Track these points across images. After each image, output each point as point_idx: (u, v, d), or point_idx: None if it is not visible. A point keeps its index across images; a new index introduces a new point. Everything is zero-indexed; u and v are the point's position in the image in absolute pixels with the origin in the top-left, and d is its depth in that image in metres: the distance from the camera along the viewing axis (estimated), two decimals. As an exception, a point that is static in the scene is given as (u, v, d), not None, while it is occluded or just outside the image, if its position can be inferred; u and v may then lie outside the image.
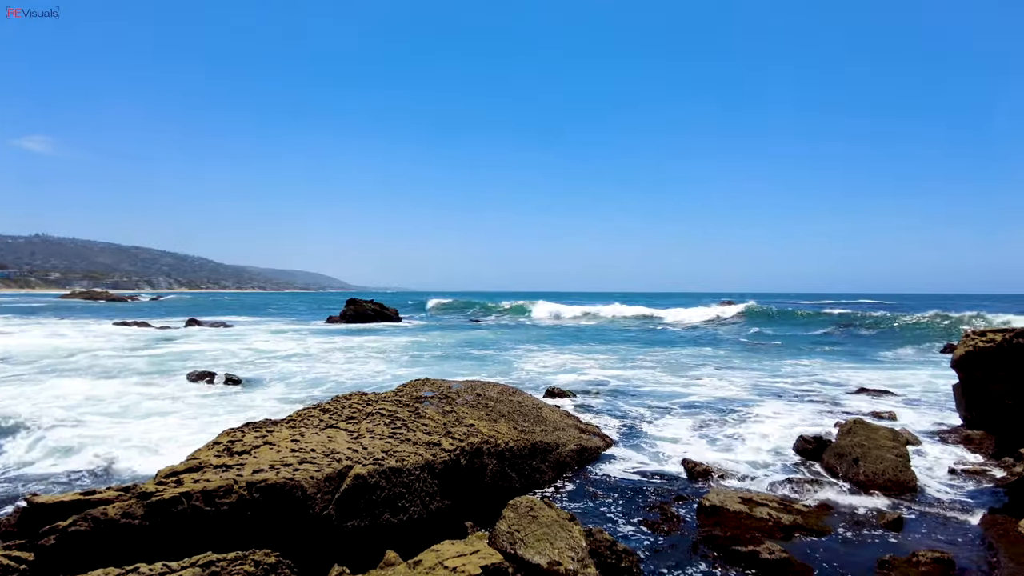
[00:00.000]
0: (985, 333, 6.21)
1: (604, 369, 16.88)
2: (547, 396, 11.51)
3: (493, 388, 8.49)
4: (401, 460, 5.01)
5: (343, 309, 39.38)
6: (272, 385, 13.15)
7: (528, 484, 6.47)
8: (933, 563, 4.71)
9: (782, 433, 9.06)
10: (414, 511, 4.90)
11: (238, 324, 36.71)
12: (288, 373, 14.99)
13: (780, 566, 4.67)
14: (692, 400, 11.89)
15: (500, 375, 15.31)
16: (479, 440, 6.00)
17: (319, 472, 4.38)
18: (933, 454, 8.02)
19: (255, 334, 28.05)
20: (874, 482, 6.68)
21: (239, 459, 4.44)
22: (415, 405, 6.75)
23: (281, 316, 49.10)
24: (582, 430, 8.19)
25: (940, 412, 10.76)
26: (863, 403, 11.64)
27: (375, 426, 5.75)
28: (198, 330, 30.34)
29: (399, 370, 15.95)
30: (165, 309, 60.32)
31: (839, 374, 16.13)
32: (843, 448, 7.26)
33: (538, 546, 4.28)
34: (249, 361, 17.44)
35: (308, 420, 5.77)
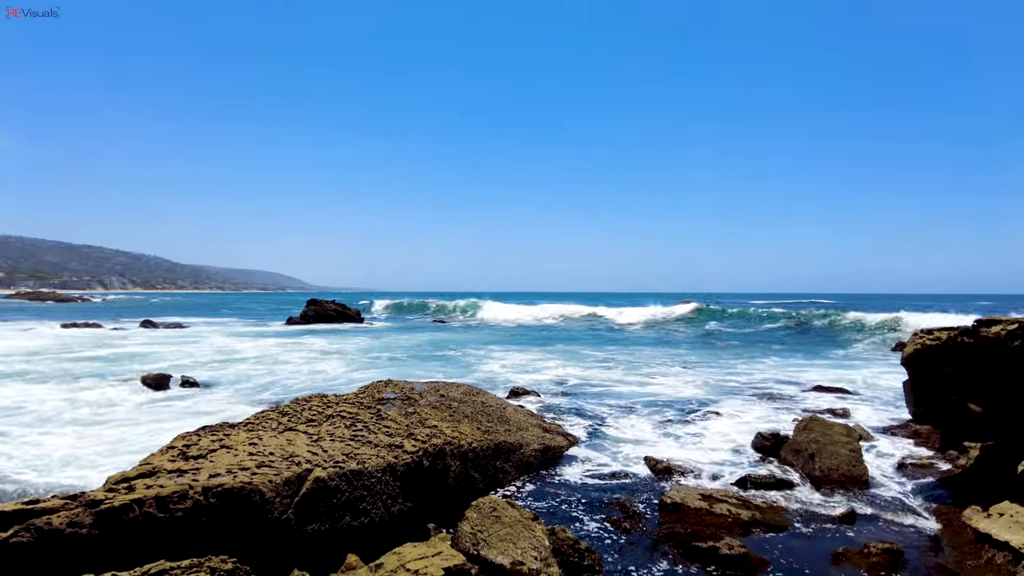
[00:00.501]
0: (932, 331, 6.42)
1: (566, 368, 16.98)
2: (511, 396, 11.52)
3: (457, 389, 8.46)
4: (362, 462, 4.96)
5: (304, 310, 38.72)
6: (230, 388, 12.86)
7: (492, 484, 6.46)
8: (883, 554, 4.88)
9: (741, 430, 9.26)
10: (376, 514, 4.86)
11: (195, 325, 35.78)
12: (246, 375, 14.68)
13: (739, 561, 4.76)
14: (653, 399, 12.05)
15: (464, 375, 15.28)
16: (442, 441, 5.97)
17: (278, 476, 4.30)
18: (884, 449, 8.31)
19: (213, 335, 27.37)
20: (829, 477, 6.87)
21: (195, 463, 4.33)
22: (377, 407, 6.68)
23: (240, 317, 48.04)
24: (546, 429, 8.22)
25: (892, 408, 11.14)
26: (819, 400, 11.96)
27: (336, 428, 5.67)
28: (153, 331, 29.45)
29: (361, 372, 15.77)
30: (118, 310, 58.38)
31: (795, 372, 16.55)
32: (799, 444, 7.45)
33: (501, 546, 4.27)
34: (206, 363, 17.01)
35: (266, 423, 5.66)
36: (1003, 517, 4.99)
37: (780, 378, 15.34)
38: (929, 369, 6.29)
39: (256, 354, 19.47)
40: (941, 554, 5.05)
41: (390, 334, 30.20)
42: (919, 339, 6.37)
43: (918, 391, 6.67)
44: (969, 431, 6.33)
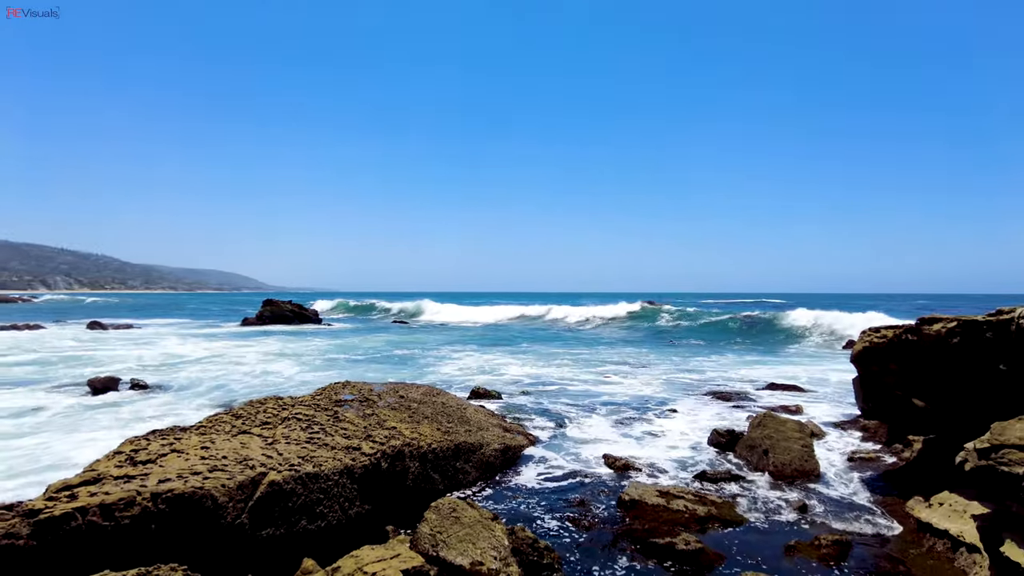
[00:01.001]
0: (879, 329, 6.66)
1: (527, 368, 17.05)
2: (472, 396, 11.49)
3: (416, 390, 8.40)
4: (319, 465, 4.87)
5: (259, 310, 37.90)
6: (182, 390, 12.49)
7: (452, 485, 6.43)
8: (833, 545, 5.03)
9: (697, 428, 9.43)
10: (333, 517, 4.78)
11: (146, 326, 34.70)
12: (199, 378, 14.28)
13: (695, 556, 4.85)
14: (611, 398, 12.17)
15: (424, 376, 15.19)
16: (401, 443, 5.91)
17: (231, 480, 4.19)
18: (835, 444, 8.57)
19: (164, 337, 26.58)
20: (782, 472, 7.05)
21: (143, 469, 4.19)
22: (334, 409, 6.58)
23: (193, 318, 46.72)
24: (506, 429, 8.23)
25: (842, 405, 11.50)
26: (772, 397, 12.27)
27: (291, 431, 5.57)
28: (101, 333, 28.43)
29: (318, 373, 15.51)
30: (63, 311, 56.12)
31: (749, 370, 16.95)
32: (754, 440, 7.62)
33: (460, 547, 4.26)
34: (157, 365, 16.50)
35: (220, 426, 5.51)
36: (943, 507, 5.20)
37: (734, 376, 15.71)
38: (876, 366, 6.52)
39: (209, 356, 18.97)
40: (886, 544, 5.24)
41: (348, 335, 29.80)
42: (867, 337, 6.60)
43: (866, 387, 6.90)
44: (914, 425, 6.58)
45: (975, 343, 5.46)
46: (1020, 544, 3.63)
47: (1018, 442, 3.44)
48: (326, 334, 30.17)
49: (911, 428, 6.70)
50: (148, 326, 34.99)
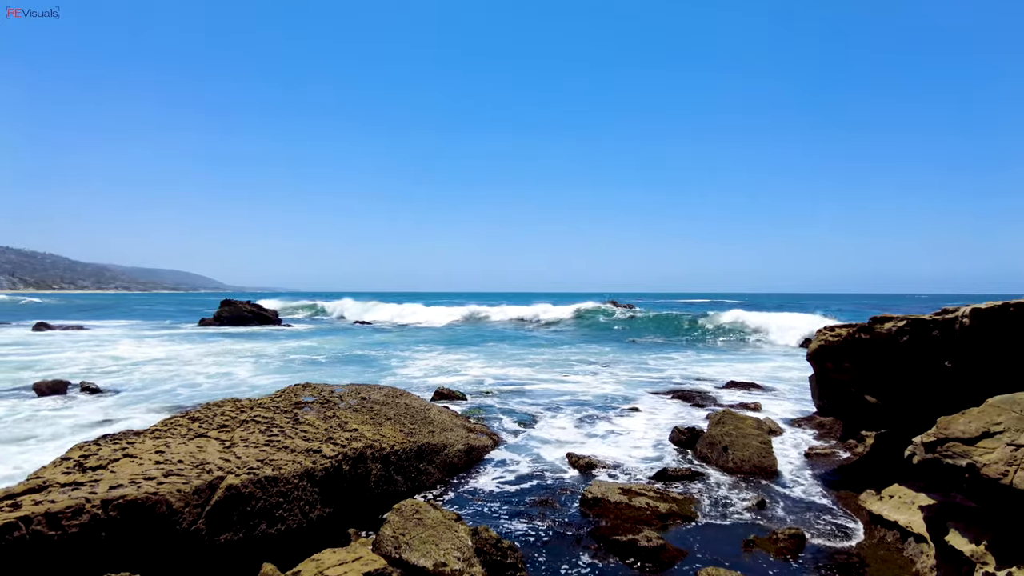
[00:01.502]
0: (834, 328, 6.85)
1: (490, 368, 17.05)
2: (436, 397, 11.43)
3: (379, 391, 8.31)
4: (278, 468, 4.78)
5: (217, 311, 37.02)
6: (135, 393, 12.10)
7: (415, 487, 6.39)
8: (789, 539, 5.16)
9: (659, 425, 9.57)
10: (293, 521, 4.70)
11: (97, 327, 33.49)
12: (154, 380, 13.87)
13: (657, 552, 4.91)
14: (574, 397, 12.26)
15: (387, 378, 15.05)
16: (363, 445, 5.84)
17: (187, 484, 4.08)
18: (792, 440, 8.79)
19: (117, 338, 25.73)
20: (741, 468, 7.20)
21: (93, 475, 4.05)
22: (294, 411, 6.47)
23: (148, 319, 45.32)
24: (470, 430, 8.21)
25: (799, 402, 11.80)
26: (732, 395, 12.52)
27: (250, 434, 5.45)
28: (48, 334, 27.35)
29: (278, 375, 15.22)
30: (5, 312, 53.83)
31: (709, 369, 17.27)
32: (714, 438, 7.77)
33: (423, 548, 4.23)
34: (109, 368, 15.96)
35: (175, 429, 5.36)
36: (893, 499, 5.39)
37: (696, 374, 15.98)
38: (831, 364, 6.70)
39: (165, 358, 18.44)
40: (840, 536, 5.40)
41: (309, 336, 29.32)
42: (822, 336, 6.78)
43: (822, 385, 7.09)
44: (867, 421, 6.79)
45: (923, 341, 5.66)
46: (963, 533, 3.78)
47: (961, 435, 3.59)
48: (286, 335, 29.63)
49: (864, 424, 6.91)
50: (99, 327, 33.79)
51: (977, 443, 3.51)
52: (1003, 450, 3.35)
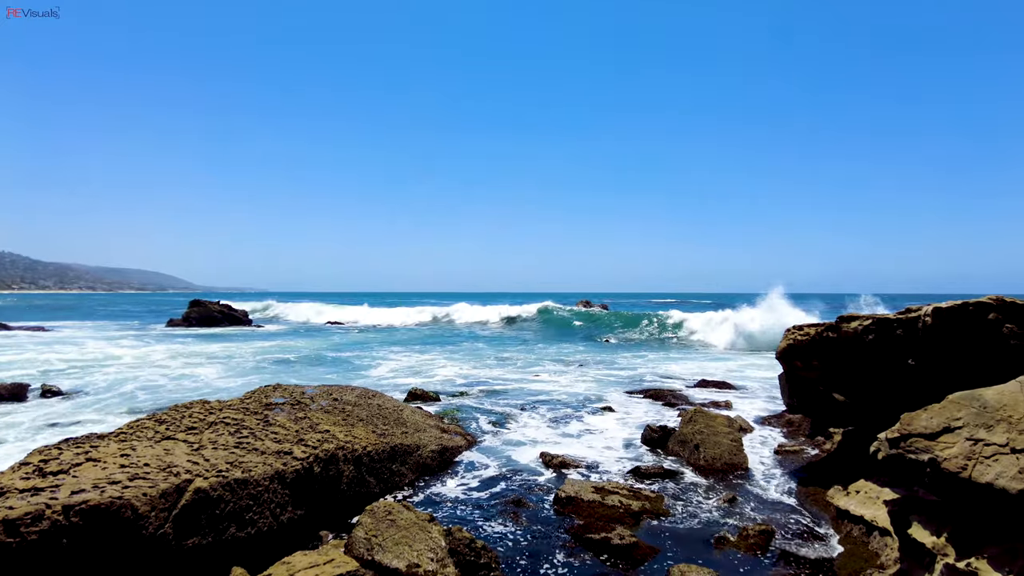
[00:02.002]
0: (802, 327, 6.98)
1: (463, 368, 17.02)
2: (409, 398, 11.36)
3: (351, 392, 8.23)
4: (248, 471, 4.71)
5: (186, 311, 36.29)
6: (100, 396, 11.81)
7: (388, 488, 6.34)
8: (759, 535, 5.24)
9: (631, 424, 9.65)
10: (263, 524, 4.63)
11: (60, 328, 32.58)
12: (120, 382, 13.54)
13: (629, 550, 4.95)
14: (546, 396, 12.29)
15: (359, 379, 14.93)
16: (334, 446, 5.78)
17: (153, 488, 4.00)
18: (762, 438, 8.93)
19: (81, 340, 25.05)
20: (713, 466, 7.29)
21: (54, 480, 3.93)
22: (264, 412, 6.37)
23: (113, 319, 44.28)
24: (444, 430, 8.18)
25: (769, 400, 12.00)
26: (703, 394, 12.67)
27: (219, 436, 5.35)
28: (7, 335, 26.53)
29: (247, 377, 14.97)
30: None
31: (679, 367, 17.47)
32: (686, 436, 7.85)
33: (396, 550, 4.20)
34: (73, 370, 15.54)
35: (142, 432, 5.24)
36: (859, 494, 5.50)
37: (667, 373, 16.14)
38: (800, 362, 6.83)
39: (131, 359, 18.02)
40: (809, 531, 5.49)
41: (280, 337, 28.93)
42: (791, 335, 6.90)
43: (791, 383, 7.22)
44: (834, 418, 6.93)
45: (888, 340, 5.79)
46: (925, 526, 3.88)
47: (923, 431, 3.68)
48: (257, 336, 29.20)
49: (832, 421, 7.05)
50: (62, 328, 32.87)
51: (938, 438, 3.61)
52: (962, 444, 3.45)
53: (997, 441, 3.31)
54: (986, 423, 3.46)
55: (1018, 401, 3.47)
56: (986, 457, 3.29)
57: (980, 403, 3.62)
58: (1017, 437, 3.23)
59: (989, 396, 3.64)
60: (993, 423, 3.43)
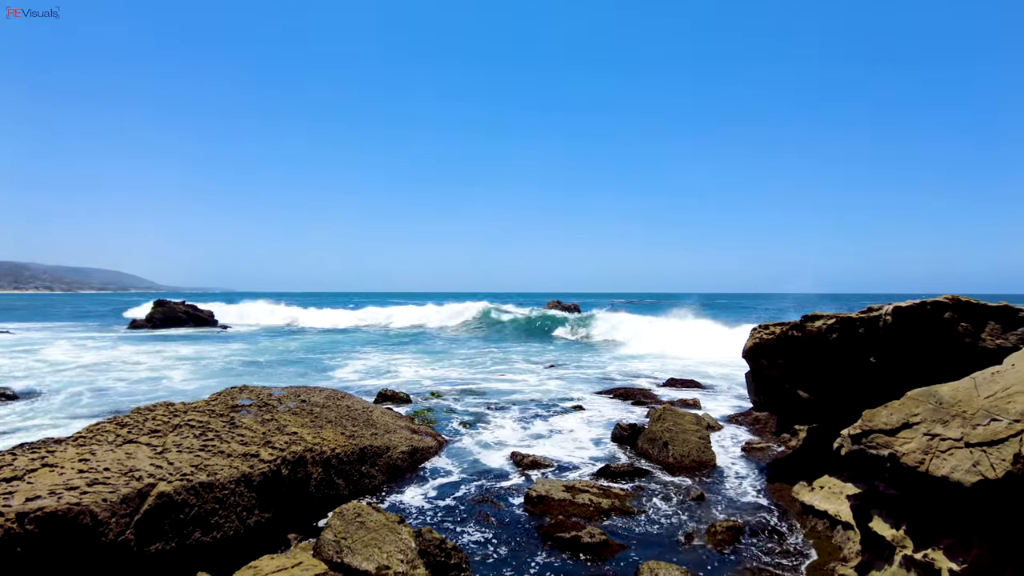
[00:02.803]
0: (768, 326, 7.11)
1: (431, 370, 16.96)
2: (379, 399, 11.27)
3: (319, 393, 8.13)
4: (213, 474, 4.62)
5: (150, 312, 35.46)
6: (58, 399, 11.46)
7: (357, 490, 6.27)
8: (727, 531, 5.32)
9: (601, 423, 9.71)
10: (229, 528, 4.55)
11: (16, 330, 31.54)
12: (79, 385, 13.16)
13: (599, 548, 4.98)
14: (517, 396, 12.31)
15: (328, 380, 14.77)
16: (302, 448, 5.70)
17: (113, 493, 3.89)
18: (730, 435, 9.07)
19: (37, 342, 24.30)
20: (681, 463, 7.38)
21: (7, 487, 3.81)
22: (230, 414, 6.26)
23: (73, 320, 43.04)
24: (414, 431, 8.13)
25: (737, 398, 12.19)
26: (672, 392, 12.82)
27: (183, 439, 5.24)
28: (-40, 338, 25.61)
29: (214, 379, 14.70)
30: (-87, 314, 50.10)
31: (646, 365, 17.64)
32: (654, 434, 7.93)
33: (366, 552, 4.16)
34: (29, 372, 15.07)
35: (102, 436, 5.10)
36: (823, 490, 5.63)
37: (637, 372, 16.29)
38: (766, 360, 6.95)
39: (92, 362, 17.54)
40: (775, 526, 5.60)
41: (247, 339, 28.45)
42: (757, 334, 7.02)
43: (757, 381, 7.34)
44: (800, 416, 7.07)
45: (851, 338, 5.94)
46: (885, 519, 3.99)
47: (884, 427, 3.78)
48: (223, 337, 28.67)
49: (797, 418, 7.19)
50: (16, 330, 31.81)
51: (898, 434, 3.71)
52: (920, 439, 3.55)
53: (952, 436, 3.41)
54: (942, 419, 3.57)
55: (972, 397, 3.59)
56: (942, 451, 3.40)
57: (936, 399, 3.73)
58: (971, 432, 3.33)
59: (945, 392, 3.75)
60: (949, 418, 3.54)
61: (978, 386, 3.68)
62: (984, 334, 4.97)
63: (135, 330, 32.69)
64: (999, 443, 3.17)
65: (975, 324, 5.03)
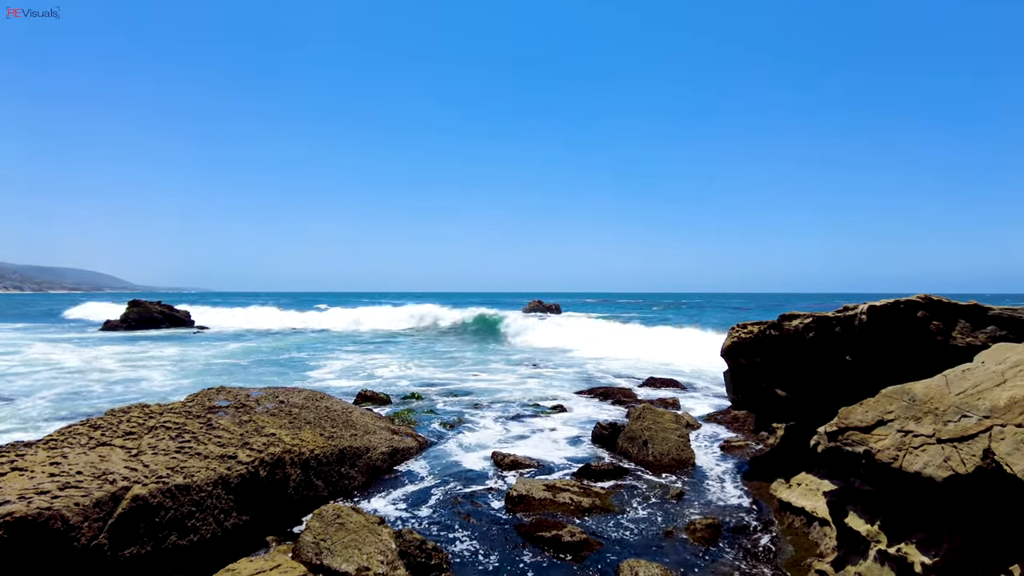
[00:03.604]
0: (746, 325, 7.18)
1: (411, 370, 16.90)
2: (359, 400, 11.20)
3: (298, 394, 8.05)
4: (190, 476, 4.56)
5: (125, 312, 34.84)
6: (29, 401, 11.22)
7: (336, 491, 6.23)
8: (707, 528, 5.37)
9: (581, 422, 9.75)
10: (207, 530, 4.49)
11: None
12: (51, 387, 12.89)
13: (580, 546, 5.00)
14: (497, 396, 12.31)
15: (307, 381, 14.64)
16: (281, 450, 5.64)
17: (86, 497, 3.82)
18: (709, 433, 9.15)
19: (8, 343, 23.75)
20: (661, 461, 7.43)
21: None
22: (207, 416, 6.17)
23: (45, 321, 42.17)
24: (394, 432, 8.08)
25: (716, 397, 12.31)
26: (652, 391, 12.91)
27: (159, 441, 5.16)
28: (-74, 340, 24.96)
29: (190, 380, 14.49)
30: None
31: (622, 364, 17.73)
32: (635, 432, 7.98)
33: (346, 553, 4.13)
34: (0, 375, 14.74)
35: (74, 439, 5.00)
36: (800, 487, 5.70)
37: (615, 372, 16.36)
38: (744, 359, 7.02)
39: (64, 363, 17.19)
40: (753, 523, 5.66)
41: (225, 339, 28.10)
42: (735, 333, 7.09)
43: (736, 380, 7.42)
44: (777, 413, 7.16)
45: (827, 337, 6.02)
46: (860, 515, 4.05)
47: (859, 424, 3.84)
48: (199, 338, 28.28)
49: (775, 416, 7.28)
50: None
51: (872, 431, 3.77)
52: (894, 436, 3.61)
53: (925, 432, 3.48)
54: (915, 415, 3.64)
55: (943, 394, 3.66)
56: (915, 448, 3.46)
57: (910, 396, 3.80)
58: (942, 428, 3.40)
59: (918, 390, 3.82)
60: (921, 415, 3.61)
61: (949, 383, 3.75)
62: (955, 332, 5.08)
63: (109, 332, 32.10)
64: (969, 439, 3.24)
65: (946, 323, 5.13)
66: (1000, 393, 3.37)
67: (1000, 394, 3.36)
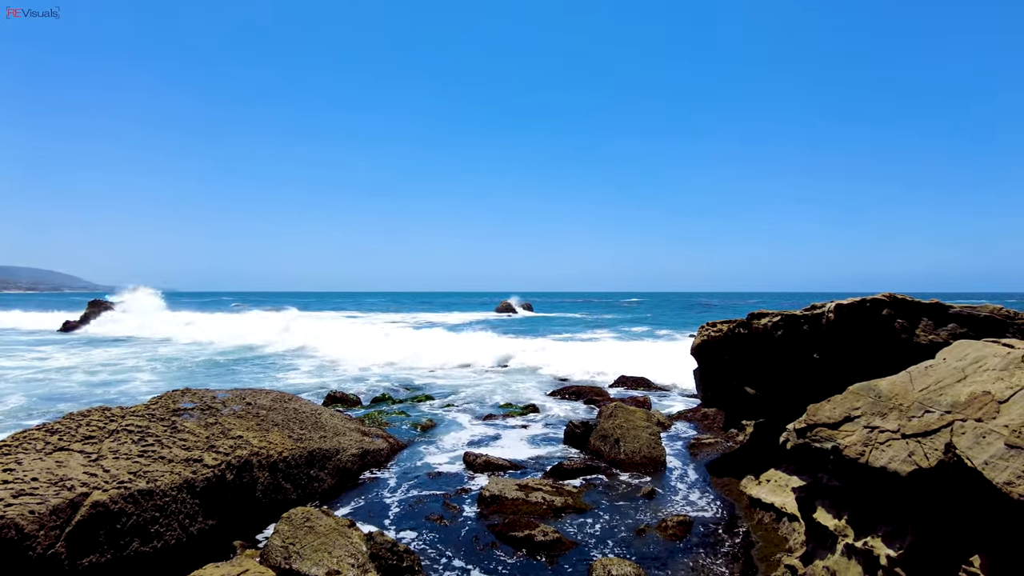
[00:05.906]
0: (716, 324, 7.26)
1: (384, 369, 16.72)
2: (328, 401, 11.05)
3: (266, 396, 7.90)
4: (153, 481, 4.43)
5: (84, 312, 33.92)
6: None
7: (306, 494, 6.12)
8: (678, 525, 5.41)
9: (554, 422, 9.76)
10: (171, 536, 4.36)
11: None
12: (6, 391, 12.45)
13: (553, 545, 5.00)
14: (470, 396, 12.26)
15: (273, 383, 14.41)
16: (248, 452, 5.53)
17: (42, 505, 3.68)
18: (679, 431, 9.24)
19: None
20: (632, 460, 7.46)
21: (-75, 499, 3.55)
22: (172, 418, 6.01)
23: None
24: (365, 433, 7.98)
25: (686, 395, 12.43)
26: (624, 390, 13.00)
27: (121, 445, 5.00)
28: None
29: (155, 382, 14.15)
30: None
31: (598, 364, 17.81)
32: (606, 431, 8.01)
33: (315, 557, 4.06)
34: (-51, 379, 14.17)
35: (29, 444, 4.82)
36: (770, 483, 5.78)
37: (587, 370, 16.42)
38: (713, 357, 7.10)
39: (20, 365, 16.63)
40: (723, 520, 5.72)
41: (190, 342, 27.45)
42: (705, 331, 7.16)
43: (705, 378, 7.49)
44: (747, 411, 7.25)
45: (795, 335, 6.12)
46: (828, 509, 4.13)
47: (827, 420, 3.91)
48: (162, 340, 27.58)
49: (745, 414, 7.37)
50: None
51: (840, 427, 3.83)
52: (861, 432, 3.68)
53: (890, 428, 3.55)
54: (881, 411, 3.71)
55: (908, 390, 3.74)
56: (881, 443, 3.53)
57: (875, 393, 3.87)
58: (907, 424, 3.47)
59: (883, 386, 3.90)
60: (887, 411, 3.68)
61: (913, 380, 3.84)
62: (918, 330, 5.20)
63: (68, 332, 31.16)
64: (932, 434, 3.31)
65: (910, 321, 5.25)
66: (961, 389, 3.45)
67: (961, 390, 3.44)
